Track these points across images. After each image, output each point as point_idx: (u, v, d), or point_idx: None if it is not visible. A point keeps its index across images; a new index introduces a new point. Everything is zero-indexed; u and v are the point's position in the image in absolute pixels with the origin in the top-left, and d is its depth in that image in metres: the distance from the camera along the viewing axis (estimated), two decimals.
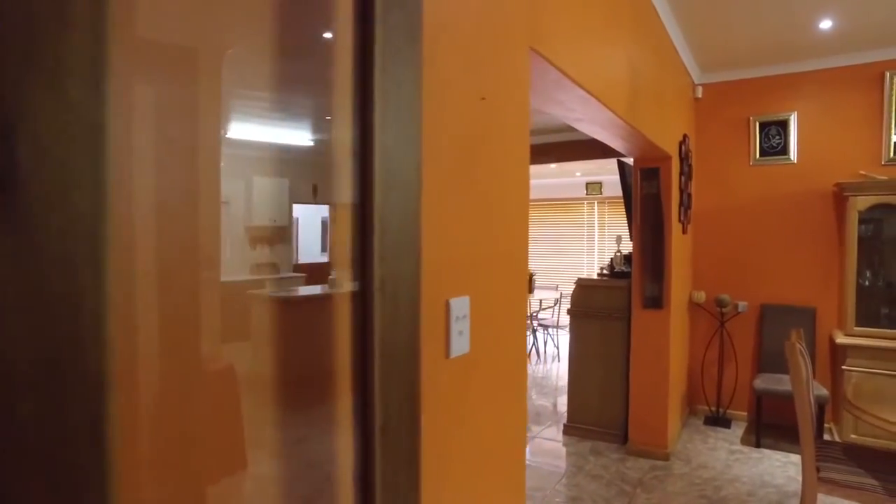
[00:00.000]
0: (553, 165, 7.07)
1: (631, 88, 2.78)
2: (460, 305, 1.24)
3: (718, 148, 4.60)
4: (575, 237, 8.71)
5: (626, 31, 2.71)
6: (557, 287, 7.88)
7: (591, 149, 4.99)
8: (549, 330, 7.25)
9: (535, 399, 5.28)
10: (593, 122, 2.76)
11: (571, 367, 4.33)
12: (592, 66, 2.23)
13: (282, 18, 0.81)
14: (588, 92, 2.20)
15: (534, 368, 6.63)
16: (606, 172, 7.87)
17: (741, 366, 4.52)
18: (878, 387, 3.05)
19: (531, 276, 7.34)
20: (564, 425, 4.36)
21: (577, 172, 7.94)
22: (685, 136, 4.13)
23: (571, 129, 4.99)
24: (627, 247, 4.64)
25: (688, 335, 4.65)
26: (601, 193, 8.37)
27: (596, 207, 8.50)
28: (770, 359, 4.33)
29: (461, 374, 1.27)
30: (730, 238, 4.56)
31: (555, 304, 7.26)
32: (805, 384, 2.58)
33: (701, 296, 4.50)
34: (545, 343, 7.62)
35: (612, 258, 4.34)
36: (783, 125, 4.36)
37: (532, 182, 8.12)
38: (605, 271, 4.47)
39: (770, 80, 4.42)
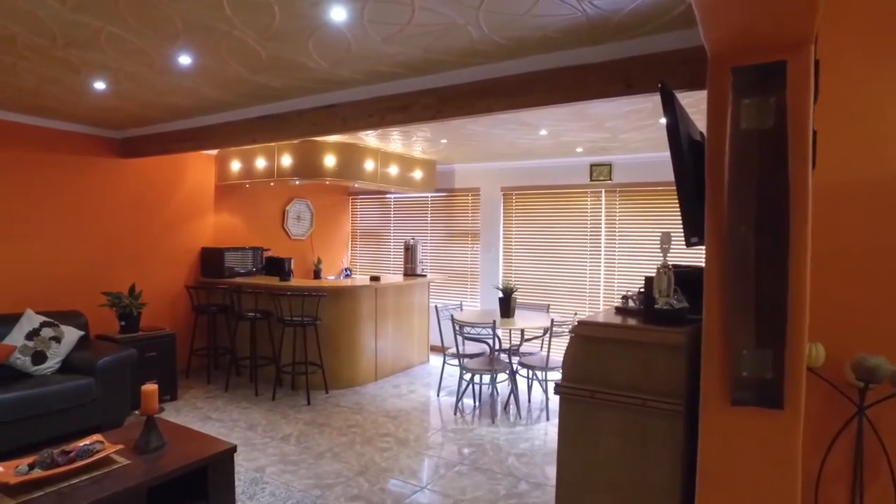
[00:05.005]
0: (543, 131, 4.85)
1: None
2: None
3: (863, 60, 2.37)
4: (574, 240, 6.48)
5: None
6: (548, 309, 5.66)
7: (608, 78, 2.78)
8: (536, 372, 5.03)
9: (518, 488, 3.08)
10: None
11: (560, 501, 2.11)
12: None
13: None
14: None
15: (511, 430, 4.42)
16: (619, 149, 5.67)
17: None
18: None
19: (510, 292, 5.13)
20: None
21: (579, 148, 5.73)
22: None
23: (574, 43, 2.78)
24: (683, 255, 2.52)
25: None
26: (611, 179, 6.15)
27: (603, 198, 6.28)
28: None
29: None
30: (887, 242, 2.34)
31: (544, 334, 5.04)
32: None
33: (817, 354, 2.29)
34: (529, 389, 5.40)
35: (647, 281, 2.11)
36: None
37: (511, 164, 5.72)
38: (632, 304, 2.25)
39: None
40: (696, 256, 5.32)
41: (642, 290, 2.17)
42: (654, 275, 2.09)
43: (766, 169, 1.54)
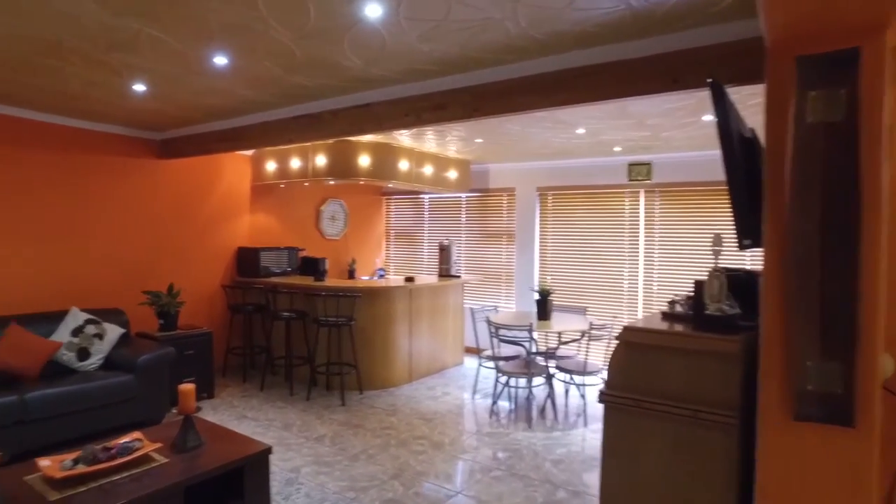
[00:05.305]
0: (581, 130, 4.74)
1: None
2: None
3: None
4: (612, 241, 6.33)
5: None
6: (585, 312, 5.53)
7: (651, 73, 2.66)
8: (573, 376, 4.91)
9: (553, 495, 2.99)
10: None
11: None
12: None
13: None
14: None
15: (548, 435, 4.31)
16: (659, 147, 5.49)
17: None
18: None
19: (547, 294, 5.02)
20: None
21: (616, 148, 5.58)
22: None
23: (617, 37, 2.68)
24: (734, 257, 2.38)
25: None
26: (650, 178, 5.98)
27: (642, 199, 6.11)
28: None
29: None
30: None
31: (581, 337, 4.92)
32: None
33: (885, 365, 2.13)
34: (566, 393, 5.28)
35: (697, 285, 2.00)
36: None
37: (547, 163, 5.44)
38: (679, 309, 2.14)
39: None
40: (744, 259, 5.11)
41: (691, 294, 2.06)
42: (704, 278, 1.97)
43: (835, 165, 1.42)
